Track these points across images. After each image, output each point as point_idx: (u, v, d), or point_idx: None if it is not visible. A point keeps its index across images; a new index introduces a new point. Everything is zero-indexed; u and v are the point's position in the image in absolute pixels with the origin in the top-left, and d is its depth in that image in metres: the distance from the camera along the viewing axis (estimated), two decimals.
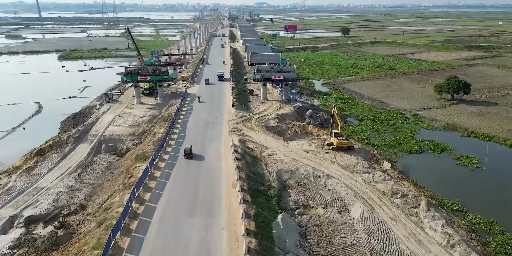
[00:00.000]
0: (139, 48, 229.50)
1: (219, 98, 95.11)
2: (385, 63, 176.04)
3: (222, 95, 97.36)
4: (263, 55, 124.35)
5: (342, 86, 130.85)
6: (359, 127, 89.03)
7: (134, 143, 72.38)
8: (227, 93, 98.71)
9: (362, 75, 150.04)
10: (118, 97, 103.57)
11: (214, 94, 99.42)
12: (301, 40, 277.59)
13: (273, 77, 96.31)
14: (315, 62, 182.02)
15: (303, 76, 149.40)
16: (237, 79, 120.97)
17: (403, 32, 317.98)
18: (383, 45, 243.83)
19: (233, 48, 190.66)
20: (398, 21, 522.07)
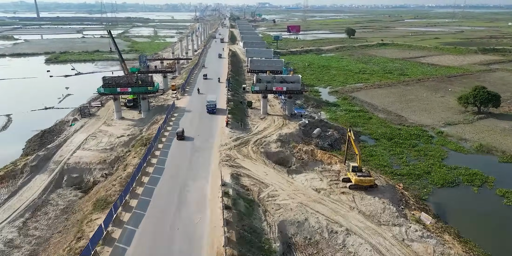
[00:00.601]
0: (136, 49, 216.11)
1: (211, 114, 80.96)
2: (396, 68, 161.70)
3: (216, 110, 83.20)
4: (263, 61, 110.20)
5: (351, 95, 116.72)
6: (376, 148, 74.92)
7: (103, 173, 58.51)
8: (221, 107, 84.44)
9: (373, 82, 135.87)
10: (97, 110, 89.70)
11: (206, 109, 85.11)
12: (304, 42, 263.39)
13: (275, 89, 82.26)
14: (320, 66, 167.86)
15: (308, 83, 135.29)
16: (235, 88, 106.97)
17: (411, 33, 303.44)
18: (391, 48, 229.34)
19: (232, 51, 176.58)
20: (403, 22, 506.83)
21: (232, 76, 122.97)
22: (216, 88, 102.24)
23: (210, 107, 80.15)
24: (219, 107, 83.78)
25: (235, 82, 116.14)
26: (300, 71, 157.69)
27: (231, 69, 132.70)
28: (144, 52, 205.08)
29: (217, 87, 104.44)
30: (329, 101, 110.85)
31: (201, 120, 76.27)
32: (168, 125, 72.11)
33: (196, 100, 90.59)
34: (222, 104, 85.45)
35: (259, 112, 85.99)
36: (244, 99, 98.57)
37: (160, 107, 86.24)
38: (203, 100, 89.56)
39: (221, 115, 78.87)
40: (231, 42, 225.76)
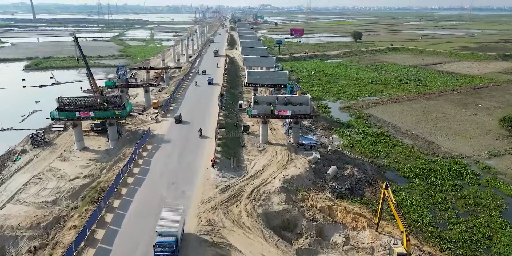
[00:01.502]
0: (127, 55, 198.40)
1: (195, 146, 62.51)
2: (412, 77, 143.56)
3: (201, 141, 64.75)
4: (264, 73, 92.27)
5: (366, 112, 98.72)
6: (409, 193, 56.92)
7: (32, 247, 40.60)
8: (209, 136, 66.13)
9: (389, 95, 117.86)
10: (57, 135, 71.94)
11: (189, 138, 66.96)
12: (308, 46, 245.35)
13: (278, 113, 64.32)
14: (327, 74, 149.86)
15: (314, 95, 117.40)
16: (229, 105, 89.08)
17: (420, 37, 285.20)
18: (403, 53, 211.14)
19: (230, 58, 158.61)
20: (409, 25, 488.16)
21: (228, 88, 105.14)
22: (206, 109, 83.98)
23: None
24: (207, 134, 66.00)
25: (231, 96, 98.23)
26: (305, 80, 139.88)
27: (227, 80, 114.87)
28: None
29: (207, 107, 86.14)
30: (342, 121, 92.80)
31: (181, 156, 58.01)
32: (136, 165, 54.11)
33: (180, 126, 72.33)
34: (211, 130, 67.57)
35: (258, 139, 68.21)
36: (240, 120, 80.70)
37: (134, 133, 68.17)
38: (189, 124, 71.92)
39: (208, 144, 61.07)
40: (230, 46, 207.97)
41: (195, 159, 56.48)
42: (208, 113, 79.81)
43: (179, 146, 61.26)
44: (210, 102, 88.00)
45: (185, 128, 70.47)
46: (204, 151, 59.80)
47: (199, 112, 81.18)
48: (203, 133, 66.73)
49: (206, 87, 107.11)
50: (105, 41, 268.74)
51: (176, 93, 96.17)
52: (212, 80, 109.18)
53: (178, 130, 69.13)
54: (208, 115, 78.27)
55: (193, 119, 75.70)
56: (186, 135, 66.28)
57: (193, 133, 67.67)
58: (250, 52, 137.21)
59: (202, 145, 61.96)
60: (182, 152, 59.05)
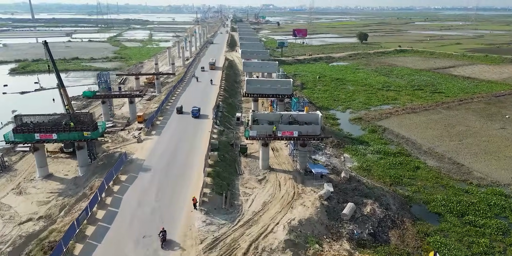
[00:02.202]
0: (121, 57, 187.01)
1: (180, 176, 51.18)
2: (426, 83, 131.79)
3: (189, 169, 53.29)
4: (265, 81, 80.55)
5: (381, 125, 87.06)
6: (444, 239, 45.24)
7: None
8: (198, 162, 54.54)
9: (403, 103, 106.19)
10: (21, 156, 60.59)
11: (174, 164, 54.68)
12: (312, 47, 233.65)
13: (281, 134, 52.76)
14: (333, 79, 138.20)
15: (321, 104, 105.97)
16: (225, 118, 77.57)
17: (429, 38, 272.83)
18: (412, 55, 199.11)
19: (229, 61, 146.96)
20: (414, 25, 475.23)
21: (225, 97, 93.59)
22: (199, 123, 72.26)
23: None
24: (195, 160, 54.50)
25: (228, 107, 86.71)
26: (309, 86, 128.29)
27: (225, 87, 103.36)
28: (129, 60, 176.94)
29: (199, 120, 74.38)
30: (353, 135, 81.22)
31: (162, 191, 46.29)
32: (101, 205, 42.54)
33: (165, 147, 60.73)
34: (201, 155, 56.00)
35: (257, 163, 56.77)
36: (237, 137, 69.20)
37: (109, 157, 56.61)
38: (176, 144, 60.46)
39: (197, 173, 49.63)
40: (230, 48, 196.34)
41: (178, 196, 44.90)
42: (200, 129, 68.24)
43: (160, 176, 49.65)
44: (203, 115, 76.34)
45: (170, 149, 58.89)
46: (190, 183, 48.25)
47: (189, 127, 69.63)
48: (191, 158, 55.24)
49: (201, 94, 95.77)
50: (101, 42, 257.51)
51: (166, 103, 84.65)
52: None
53: (161, 153, 57.52)
54: (200, 132, 66.69)
55: (181, 137, 64.16)
56: (171, 160, 54.73)
57: (179, 157, 56.15)
58: (250, 56, 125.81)
59: (188, 175, 50.40)
60: (162, 186, 47.39)
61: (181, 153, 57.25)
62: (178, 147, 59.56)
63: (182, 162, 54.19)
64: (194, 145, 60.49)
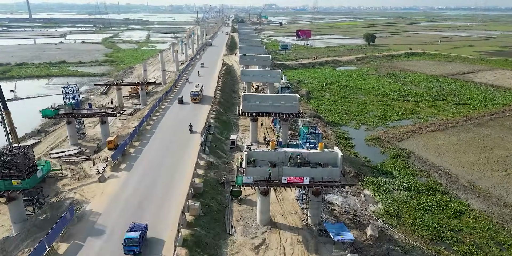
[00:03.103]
0: (112, 60, 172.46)
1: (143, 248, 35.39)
2: (447, 92, 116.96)
3: (158, 227, 37.73)
4: (266, 97, 65.39)
5: (404, 148, 72.32)
6: None
7: None
8: (169, 218, 39.36)
9: (424, 118, 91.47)
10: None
11: (141, 220, 38.49)
12: (316, 50, 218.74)
13: (287, 181, 38.05)
14: (342, 87, 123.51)
15: (330, 118, 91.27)
16: (217, 143, 62.93)
17: (440, 40, 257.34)
18: (424, 59, 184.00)
19: (227, 67, 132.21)
20: (420, 25, 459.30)
21: (219, 113, 78.95)
22: (183, 152, 57.51)
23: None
24: (170, 214, 39.96)
25: (221, 126, 72.08)
26: (316, 95, 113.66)
27: (220, 99, 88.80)
28: (120, 64, 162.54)
29: (185, 147, 59.49)
30: (373, 162, 66.52)
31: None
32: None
33: (133, 191, 45.80)
34: (179, 201, 41.52)
35: (254, 212, 42.29)
36: (229, 169, 54.64)
37: (54, 208, 41.97)
38: (148, 185, 45.95)
39: (169, 234, 35.23)
40: (230, 51, 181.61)
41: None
42: (183, 160, 53.65)
43: (116, 245, 35.01)
44: (190, 140, 61.72)
45: (139, 195, 44.27)
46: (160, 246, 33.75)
47: (169, 158, 55.03)
48: (165, 210, 40.70)
49: (191, 109, 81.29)
50: (95, 44, 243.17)
51: (147, 122, 70.05)
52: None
53: (126, 202, 42.77)
54: (182, 166, 52.09)
55: (157, 175, 49.46)
56: (136, 215, 40.11)
57: (149, 209, 41.53)
58: (250, 61, 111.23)
59: (156, 243, 35.71)
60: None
61: (152, 202, 42.60)
62: (150, 191, 44.95)
63: (152, 217, 39.56)
64: (172, 187, 45.94)
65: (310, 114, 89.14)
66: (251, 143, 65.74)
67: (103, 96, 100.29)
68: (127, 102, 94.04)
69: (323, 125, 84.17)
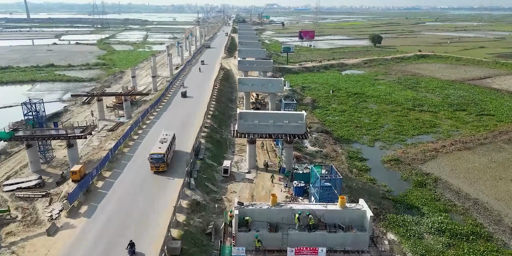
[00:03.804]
0: (104, 64, 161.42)
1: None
2: (466, 100, 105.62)
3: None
4: (266, 116, 53.82)
5: (428, 173, 60.99)
6: None
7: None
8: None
9: (447, 133, 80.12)
10: None
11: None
12: (320, 51, 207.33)
13: (295, 253, 26.79)
14: (350, 94, 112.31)
15: (339, 133, 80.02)
16: (206, 173, 51.55)
17: (449, 41, 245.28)
18: (435, 62, 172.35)
19: (225, 71, 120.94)
20: (425, 25, 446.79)
21: (212, 130, 67.72)
22: (163, 189, 46.32)
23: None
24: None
25: (214, 148, 60.79)
26: (322, 103, 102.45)
27: (214, 112, 77.62)
28: (112, 67, 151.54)
29: (165, 185, 48.19)
30: (394, 193, 55.20)
31: None
32: None
33: (88, 251, 34.81)
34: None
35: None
36: (221, 209, 43.32)
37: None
38: (109, 242, 34.73)
39: None
40: (229, 54, 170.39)
41: None
42: (161, 202, 42.39)
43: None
44: (175, 168, 50.58)
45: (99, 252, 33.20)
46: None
47: (146, 197, 43.85)
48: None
49: (184, 120, 70.27)
50: (89, 45, 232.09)
51: (125, 143, 58.84)
52: None
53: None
54: (159, 209, 40.83)
55: (126, 226, 37.96)
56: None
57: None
58: (250, 67, 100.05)
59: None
60: None
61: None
62: (111, 253, 33.69)
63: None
64: (143, 243, 34.65)
65: (317, 129, 77.87)
66: (248, 170, 54.60)
67: (85, 106, 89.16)
68: (110, 114, 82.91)
69: (332, 142, 72.97)
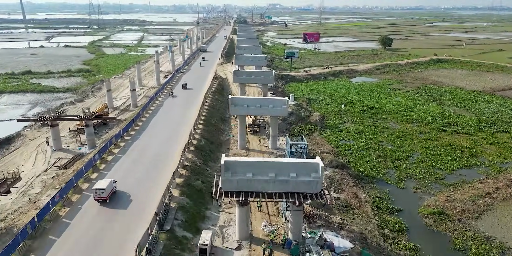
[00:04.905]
0: (87, 70, 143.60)
1: None
2: (504, 117, 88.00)
3: None
4: (263, 165, 36.81)
5: (489, 236, 43.61)
6: None
7: None
8: None
9: (493, 165, 62.60)
10: None
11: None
12: (326, 55, 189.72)
13: None
14: (364, 108, 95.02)
15: (357, 164, 62.68)
16: (187, 227, 34.30)
17: (464, 43, 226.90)
18: (454, 67, 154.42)
19: (219, 81, 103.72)
20: (433, 26, 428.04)
21: (192, 172, 50.35)
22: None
23: None
24: None
25: (192, 200, 43.46)
26: (333, 122, 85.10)
27: (199, 140, 60.32)
28: (96, 74, 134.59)
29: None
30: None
31: None
32: None
33: None
34: None
35: None
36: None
37: None
38: None
39: None
40: (226, 59, 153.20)
41: None
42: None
43: None
44: (128, 237, 33.51)
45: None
46: None
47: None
48: None
49: (156, 156, 53.27)
50: (78, 48, 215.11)
51: (68, 196, 41.58)
52: None
53: None
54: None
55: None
56: None
57: None
58: (247, 78, 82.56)
59: None
60: None
61: None
62: None
63: None
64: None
65: (331, 162, 60.49)
66: (239, 242, 37.35)
67: (44, 129, 71.73)
68: (71, 141, 65.66)
69: (352, 182, 55.64)
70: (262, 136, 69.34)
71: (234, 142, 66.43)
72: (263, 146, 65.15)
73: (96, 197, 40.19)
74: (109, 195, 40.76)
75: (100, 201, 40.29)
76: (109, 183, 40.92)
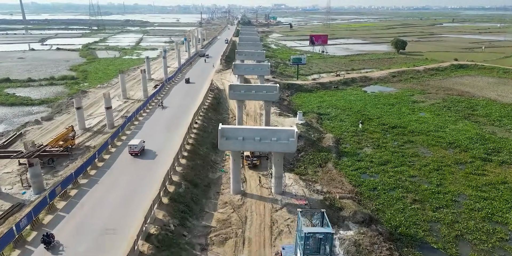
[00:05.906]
0: (72, 77, 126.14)
1: None
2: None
3: None
4: None
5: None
6: None
7: None
8: None
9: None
10: None
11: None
12: (335, 60, 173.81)
13: None
14: (386, 128, 79.10)
15: (388, 212, 46.90)
16: None
17: (483, 46, 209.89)
18: (479, 74, 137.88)
19: (214, 94, 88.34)
20: (443, 27, 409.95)
21: (163, 238, 34.82)
22: None
23: None
24: None
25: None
26: (350, 147, 69.36)
27: (177, 188, 44.93)
28: (80, 82, 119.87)
29: None
30: None
31: None
32: None
33: None
34: None
35: None
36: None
37: None
38: None
39: None
40: (226, 65, 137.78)
41: None
42: None
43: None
44: None
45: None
46: None
47: None
48: None
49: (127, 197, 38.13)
50: (71, 51, 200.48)
51: None
52: None
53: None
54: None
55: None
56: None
57: None
58: (245, 95, 66.94)
59: None
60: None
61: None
62: None
63: None
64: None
65: (354, 215, 44.82)
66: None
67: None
68: (16, 180, 50.45)
69: (385, 251, 39.85)
70: (263, 173, 53.85)
71: (227, 181, 51.06)
72: (264, 188, 49.58)
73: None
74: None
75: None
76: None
